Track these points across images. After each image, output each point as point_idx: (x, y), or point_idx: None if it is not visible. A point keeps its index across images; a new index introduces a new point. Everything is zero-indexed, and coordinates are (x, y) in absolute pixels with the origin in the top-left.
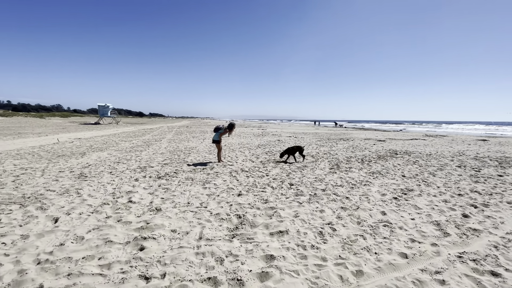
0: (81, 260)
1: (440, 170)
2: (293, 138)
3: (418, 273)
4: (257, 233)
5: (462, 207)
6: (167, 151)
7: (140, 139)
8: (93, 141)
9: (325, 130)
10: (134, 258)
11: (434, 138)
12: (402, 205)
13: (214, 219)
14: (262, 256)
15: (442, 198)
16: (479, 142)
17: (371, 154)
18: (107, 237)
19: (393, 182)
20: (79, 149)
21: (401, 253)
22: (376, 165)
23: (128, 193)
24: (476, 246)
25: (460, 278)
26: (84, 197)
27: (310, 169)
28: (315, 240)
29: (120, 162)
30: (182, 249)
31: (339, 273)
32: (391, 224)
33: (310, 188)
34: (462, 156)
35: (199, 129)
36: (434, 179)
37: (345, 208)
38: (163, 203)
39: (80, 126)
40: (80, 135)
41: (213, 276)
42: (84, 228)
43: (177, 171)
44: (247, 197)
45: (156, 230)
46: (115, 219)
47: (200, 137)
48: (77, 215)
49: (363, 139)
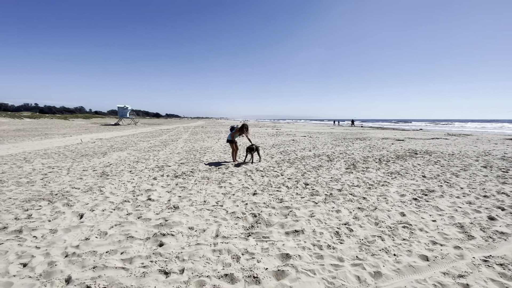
0: (105, 254)
1: (464, 170)
2: (307, 137)
3: (440, 276)
4: (273, 232)
5: (488, 209)
6: (183, 150)
7: (158, 139)
8: (114, 141)
9: (341, 130)
10: (154, 253)
11: (457, 137)
12: (422, 206)
13: (230, 218)
14: (277, 254)
15: (466, 199)
16: (507, 142)
17: (389, 154)
18: (129, 233)
19: (413, 182)
20: (101, 149)
21: (422, 255)
22: (395, 165)
23: (147, 191)
24: (504, 250)
25: (485, 282)
26: (106, 194)
27: (325, 169)
28: (331, 240)
29: (139, 161)
30: (200, 246)
31: (356, 274)
32: (411, 226)
33: (325, 188)
34: (488, 156)
35: (213, 129)
36: (457, 179)
37: (362, 208)
38: (181, 201)
39: (101, 127)
40: (102, 135)
41: (229, 273)
42: (107, 224)
43: (193, 170)
44: (262, 196)
45: (174, 227)
46: (136, 216)
47: (215, 137)
48: (100, 212)
49: (380, 139)
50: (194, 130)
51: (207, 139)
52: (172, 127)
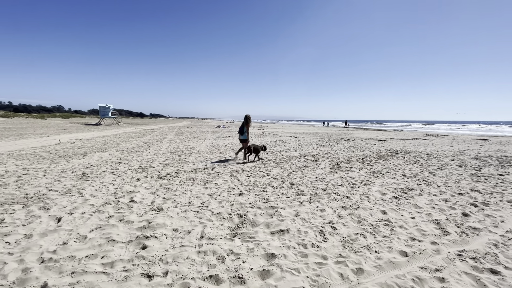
0: (84, 258)
1: (441, 169)
2: (293, 138)
3: (418, 271)
4: (258, 232)
5: (463, 206)
6: (168, 151)
7: (141, 139)
8: (95, 141)
9: (326, 130)
10: (136, 256)
11: (435, 138)
12: (402, 204)
13: (215, 219)
14: (263, 254)
15: (443, 197)
16: (480, 142)
17: (371, 154)
18: (110, 236)
19: (394, 181)
20: (81, 150)
21: (401, 252)
22: (377, 165)
23: (130, 193)
24: (476, 244)
25: (459, 275)
26: (86, 197)
27: (310, 169)
28: (316, 238)
29: (122, 162)
30: (184, 248)
31: (340, 271)
32: (391, 223)
33: (310, 187)
34: (463, 155)
35: (199, 130)
36: (435, 178)
37: (346, 207)
38: (165, 202)
39: (81, 127)
40: (82, 135)
41: (214, 274)
42: (87, 228)
43: (178, 171)
44: (248, 196)
45: (158, 229)
46: (117, 219)
47: (201, 138)
48: (79, 215)
49: (363, 139)
50: (180, 131)
51: (192, 139)
52: (157, 127)
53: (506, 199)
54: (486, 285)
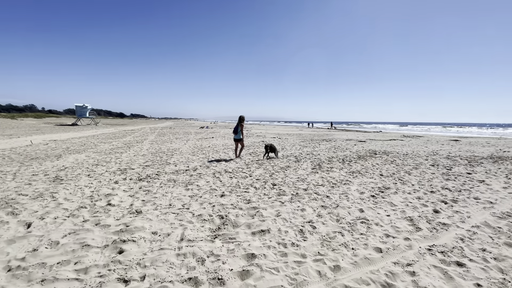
0: (55, 265)
1: (415, 169)
2: (277, 139)
3: (391, 266)
4: (239, 233)
5: (434, 203)
6: (148, 152)
7: (121, 140)
8: (70, 143)
9: (309, 131)
10: (112, 261)
11: (411, 139)
12: (379, 202)
13: (196, 220)
14: (243, 255)
15: (416, 195)
16: (451, 142)
17: (351, 154)
18: (84, 241)
19: (372, 180)
20: (55, 151)
21: (376, 248)
22: (356, 165)
23: (107, 196)
24: (445, 239)
25: (428, 269)
26: (60, 200)
27: (293, 170)
28: (296, 238)
29: (99, 164)
30: (163, 251)
31: (318, 269)
32: (368, 221)
33: (292, 188)
34: (436, 155)
35: (182, 130)
36: (410, 177)
37: (325, 206)
38: (144, 205)
39: (56, 128)
40: (56, 136)
41: (194, 276)
42: (60, 233)
43: (159, 173)
44: (230, 197)
45: (136, 232)
46: (93, 223)
47: (183, 138)
48: (51, 220)
49: (344, 140)
50: (162, 131)
51: (175, 140)
52: (138, 128)
53: (472, 196)
54: (452, 277)
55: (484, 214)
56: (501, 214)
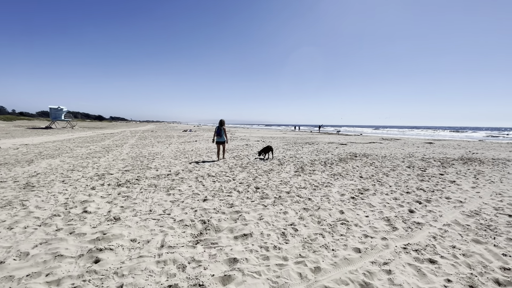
0: (25, 278)
1: (393, 170)
2: (261, 142)
3: (369, 266)
4: (222, 237)
5: (409, 204)
6: (128, 157)
7: (99, 144)
8: (43, 147)
9: (292, 135)
10: (88, 271)
11: (389, 142)
12: (358, 204)
13: (178, 226)
14: (225, 260)
15: (393, 196)
16: (426, 145)
17: (333, 157)
18: (57, 251)
19: (352, 182)
20: (26, 156)
21: (355, 248)
22: (337, 167)
23: (83, 202)
24: (419, 237)
25: (404, 267)
26: (31, 209)
27: (276, 173)
28: (278, 241)
29: (75, 169)
30: (142, 259)
31: (299, 271)
32: (348, 222)
33: (275, 191)
34: (412, 157)
35: (164, 134)
36: (387, 179)
37: (307, 209)
38: (123, 211)
39: (28, 131)
40: (27, 140)
41: (174, 284)
42: (30, 243)
43: (139, 178)
44: (212, 202)
45: (114, 240)
46: (67, 231)
47: (165, 142)
48: (21, 229)
49: (327, 143)
50: (143, 135)
51: (156, 144)
52: (117, 131)
53: (444, 195)
54: (425, 274)
55: (454, 212)
56: (470, 212)
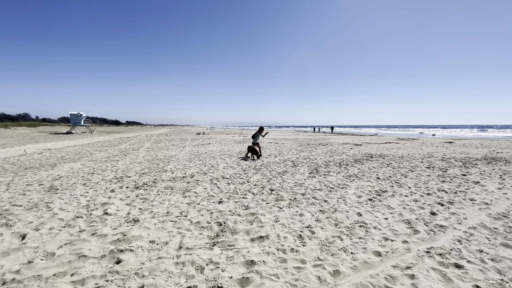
0: (51, 277)
1: (411, 171)
2: (273, 144)
3: (391, 270)
4: (238, 239)
5: (430, 206)
6: (145, 160)
7: (116, 148)
8: (65, 151)
9: (305, 136)
10: (110, 272)
11: (406, 141)
12: (376, 206)
13: (195, 228)
14: (242, 262)
15: (413, 197)
16: (446, 144)
17: (348, 158)
18: (81, 252)
19: (369, 184)
20: (49, 160)
21: (375, 252)
22: (353, 169)
23: (104, 205)
24: (442, 241)
25: (427, 271)
26: (55, 211)
27: (290, 174)
28: (295, 243)
29: (95, 173)
30: (161, 260)
31: (317, 274)
32: (366, 225)
33: (290, 193)
34: (431, 157)
35: (179, 137)
36: (406, 180)
37: (324, 211)
38: (141, 213)
39: (50, 136)
40: (50, 145)
41: (193, 285)
42: (55, 244)
43: (156, 181)
44: (228, 204)
45: (134, 241)
46: (89, 233)
47: (180, 145)
48: (47, 230)
49: (341, 144)
50: (158, 138)
51: (171, 147)
52: (133, 135)
53: (468, 197)
54: (451, 279)
55: (480, 215)
56: (497, 215)
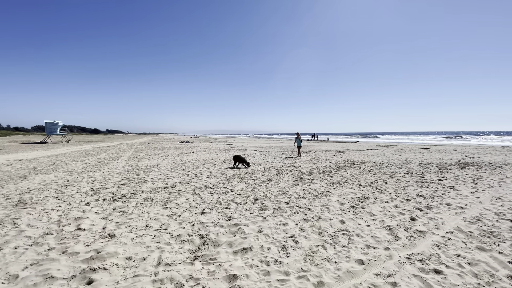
0: None
1: (391, 177)
2: (258, 152)
3: (373, 278)
4: (220, 252)
5: (410, 211)
6: (124, 170)
7: (95, 158)
8: (38, 162)
9: (290, 143)
10: None
11: (386, 148)
12: (359, 213)
13: (175, 242)
14: (224, 276)
15: (393, 203)
16: (423, 151)
17: (331, 165)
18: (48, 273)
19: (351, 191)
20: (19, 172)
21: (358, 260)
22: (336, 176)
23: (77, 219)
24: (422, 246)
25: (409, 278)
26: (22, 227)
27: (274, 183)
28: (278, 254)
29: (69, 185)
30: (138, 278)
31: (301, 286)
32: (349, 232)
33: (274, 201)
34: (409, 163)
35: (161, 146)
36: (387, 186)
37: (307, 219)
38: (118, 228)
39: (22, 146)
40: (22, 156)
41: None
42: (20, 265)
43: (136, 192)
44: (210, 215)
45: (108, 259)
46: (59, 251)
47: (162, 154)
48: (11, 250)
49: (324, 151)
50: (139, 147)
51: (153, 156)
52: (114, 144)
53: (445, 202)
54: (431, 285)
55: (456, 219)
56: (471, 218)
